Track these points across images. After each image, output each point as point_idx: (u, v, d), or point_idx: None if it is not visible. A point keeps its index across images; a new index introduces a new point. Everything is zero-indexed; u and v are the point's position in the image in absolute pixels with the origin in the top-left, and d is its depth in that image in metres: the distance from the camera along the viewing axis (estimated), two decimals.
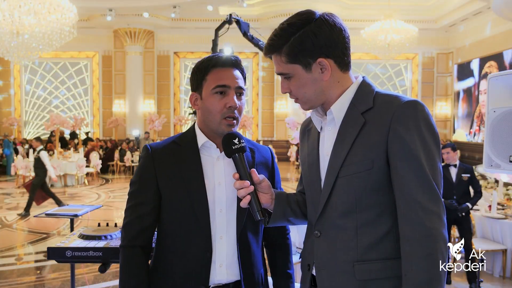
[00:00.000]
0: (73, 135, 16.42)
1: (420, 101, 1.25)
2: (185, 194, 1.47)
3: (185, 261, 1.47)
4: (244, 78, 1.53)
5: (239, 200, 1.40)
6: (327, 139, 1.34)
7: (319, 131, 1.39)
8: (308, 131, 1.47)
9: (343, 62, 1.31)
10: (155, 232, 1.59)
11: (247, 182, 1.34)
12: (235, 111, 1.46)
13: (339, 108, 1.31)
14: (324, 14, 1.30)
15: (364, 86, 1.34)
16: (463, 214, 4.73)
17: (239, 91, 1.48)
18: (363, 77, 1.37)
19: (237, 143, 1.38)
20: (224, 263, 1.48)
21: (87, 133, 17.54)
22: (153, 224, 1.53)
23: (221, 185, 1.49)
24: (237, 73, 1.49)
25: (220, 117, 1.45)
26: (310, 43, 1.26)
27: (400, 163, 1.21)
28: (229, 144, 1.38)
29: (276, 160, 1.69)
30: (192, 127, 1.57)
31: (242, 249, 1.49)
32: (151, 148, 1.52)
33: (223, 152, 1.46)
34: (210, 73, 1.47)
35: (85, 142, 15.98)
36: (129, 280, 1.47)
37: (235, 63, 1.50)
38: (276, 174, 1.65)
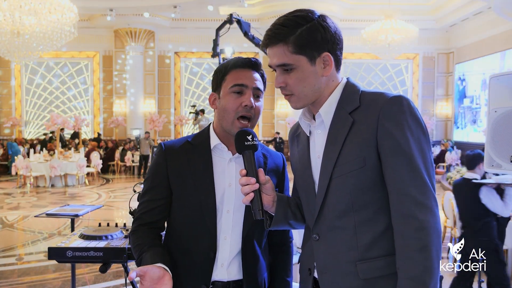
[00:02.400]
0: (75, 135, 16.44)
1: (405, 96, 1.27)
2: (194, 192, 1.48)
3: (188, 259, 1.49)
4: (264, 83, 1.53)
5: None
6: (318, 142, 1.36)
7: (308, 135, 1.40)
8: (297, 137, 1.48)
9: (339, 60, 1.34)
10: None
11: (253, 179, 1.35)
12: (251, 111, 1.47)
13: (327, 110, 1.33)
14: (322, 13, 1.32)
15: (349, 87, 1.35)
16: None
17: (257, 93, 1.49)
18: (347, 78, 1.39)
19: (250, 140, 1.38)
20: (226, 263, 1.49)
21: (99, 134, 17.60)
22: (163, 219, 1.56)
23: (231, 186, 1.50)
24: (256, 75, 1.50)
25: (235, 115, 1.46)
26: (319, 36, 1.27)
27: (391, 159, 1.22)
28: (242, 140, 1.38)
29: (287, 167, 1.69)
30: (207, 128, 1.59)
31: (246, 251, 1.50)
32: (165, 146, 1.55)
33: (235, 155, 1.49)
34: (230, 73, 1.49)
35: (98, 140, 16.09)
36: (135, 246, 1.49)
37: (254, 65, 1.50)
38: (286, 181, 1.66)
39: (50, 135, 15.56)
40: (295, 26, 1.27)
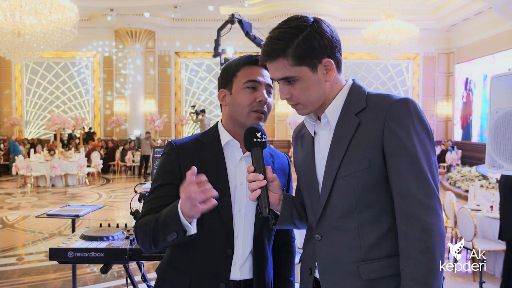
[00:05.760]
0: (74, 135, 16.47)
1: (411, 99, 1.27)
2: None
3: (204, 258, 1.47)
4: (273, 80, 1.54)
5: None
6: (323, 142, 1.36)
7: (313, 135, 1.40)
8: (301, 137, 1.48)
9: (339, 62, 1.34)
10: None
11: (261, 176, 1.34)
12: (265, 106, 1.48)
13: (333, 111, 1.33)
14: (315, 17, 1.31)
15: (355, 88, 1.36)
16: None
17: (269, 89, 1.51)
18: (353, 80, 1.39)
19: (259, 137, 1.38)
20: (239, 261, 1.48)
21: (89, 129, 17.67)
22: None
23: (243, 185, 1.49)
24: (266, 72, 1.51)
25: (249, 110, 1.47)
26: (317, 44, 1.26)
27: (396, 160, 1.23)
28: (251, 137, 1.38)
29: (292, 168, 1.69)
30: (215, 126, 1.58)
31: (257, 250, 1.51)
32: (175, 143, 1.53)
33: (245, 154, 1.49)
34: (242, 69, 1.50)
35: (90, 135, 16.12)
36: (145, 224, 1.42)
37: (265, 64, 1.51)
38: (291, 182, 1.67)
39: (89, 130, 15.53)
40: (291, 38, 1.26)
